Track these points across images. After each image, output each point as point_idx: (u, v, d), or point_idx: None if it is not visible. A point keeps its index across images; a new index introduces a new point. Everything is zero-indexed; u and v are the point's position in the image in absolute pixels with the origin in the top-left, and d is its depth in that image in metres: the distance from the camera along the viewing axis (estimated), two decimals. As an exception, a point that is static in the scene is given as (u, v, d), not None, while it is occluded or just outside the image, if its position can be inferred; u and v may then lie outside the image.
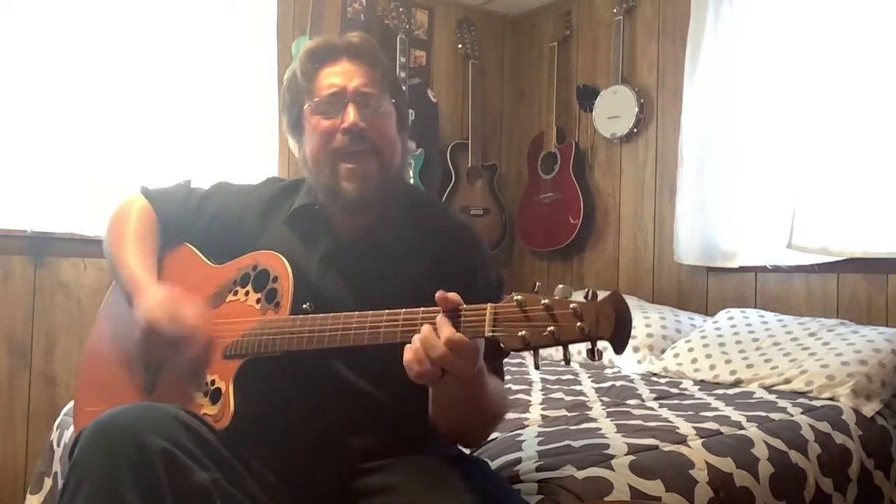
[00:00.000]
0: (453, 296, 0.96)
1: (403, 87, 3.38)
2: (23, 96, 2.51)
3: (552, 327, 0.89)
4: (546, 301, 0.91)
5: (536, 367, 0.96)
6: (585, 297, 0.91)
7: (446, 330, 0.94)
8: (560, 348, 0.92)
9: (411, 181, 3.27)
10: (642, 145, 3.23)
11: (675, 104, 3.03)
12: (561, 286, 0.92)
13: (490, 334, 0.94)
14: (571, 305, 0.89)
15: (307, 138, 1.24)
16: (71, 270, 2.63)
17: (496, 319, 0.93)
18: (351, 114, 1.18)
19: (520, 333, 0.91)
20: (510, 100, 3.94)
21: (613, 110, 3.27)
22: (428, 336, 0.95)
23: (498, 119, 3.90)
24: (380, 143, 1.20)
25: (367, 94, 1.20)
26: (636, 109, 3.17)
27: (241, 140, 2.90)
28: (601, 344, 0.90)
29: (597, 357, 0.91)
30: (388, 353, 0.99)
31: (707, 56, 2.86)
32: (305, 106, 1.23)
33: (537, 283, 0.95)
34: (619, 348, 0.89)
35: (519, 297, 0.92)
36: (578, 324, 0.88)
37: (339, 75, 1.21)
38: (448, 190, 3.50)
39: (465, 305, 0.96)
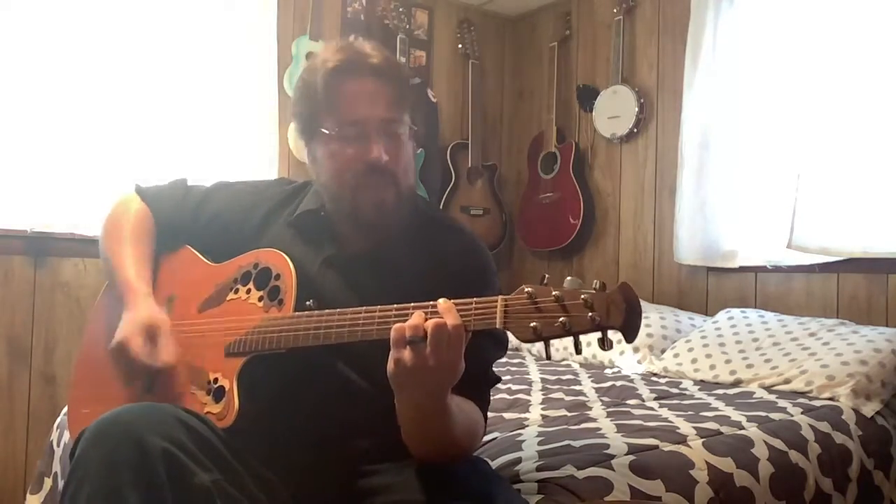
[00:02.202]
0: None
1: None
2: (23, 96, 2.51)
3: (563, 318, 0.90)
4: (557, 292, 0.91)
5: (548, 358, 0.97)
6: (594, 288, 0.91)
7: (452, 315, 0.95)
8: (569, 340, 0.93)
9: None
10: (642, 145, 3.23)
11: (675, 104, 3.03)
12: (570, 277, 0.92)
13: (501, 326, 0.94)
14: (582, 296, 0.90)
15: (324, 157, 1.21)
16: (71, 270, 2.63)
17: (507, 311, 0.94)
18: (374, 149, 1.16)
19: (531, 325, 0.91)
20: (510, 100, 3.94)
21: (613, 110, 3.27)
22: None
23: (498, 119, 3.90)
24: (397, 172, 1.19)
25: (389, 121, 1.18)
26: (636, 109, 3.17)
27: (241, 140, 2.90)
28: (612, 334, 0.91)
29: (607, 346, 0.91)
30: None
31: (707, 56, 2.86)
32: (325, 125, 1.19)
33: (546, 276, 0.95)
34: (630, 337, 0.89)
35: (529, 288, 0.93)
36: (589, 314, 0.89)
37: (362, 99, 1.18)
38: (448, 190, 3.50)
39: (475, 299, 0.96)
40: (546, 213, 3.48)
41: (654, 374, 2.49)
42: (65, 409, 1.97)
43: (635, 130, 3.21)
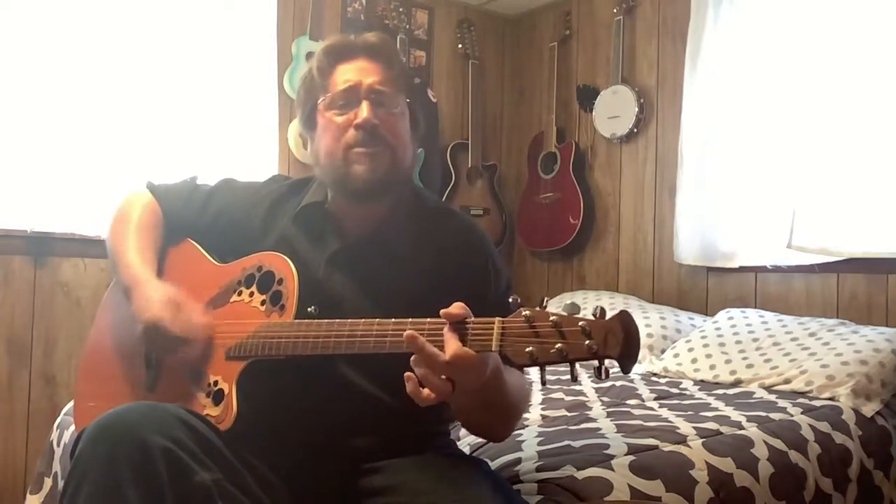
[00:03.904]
0: (457, 310, 0.95)
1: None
2: (23, 96, 2.50)
3: (560, 344, 0.89)
4: (555, 317, 0.90)
5: (543, 384, 0.96)
6: (594, 315, 0.90)
7: (452, 345, 0.93)
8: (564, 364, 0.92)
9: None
10: (642, 145, 3.23)
11: (675, 104, 3.03)
12: (569, 302, 0.92)
13: (497, 349, 0.93)
14: (580, 323, 0.89)
15: (320, 133, 1.23)
16: (71, 270, 2.63)
17: (504, 334, 0.93)
18: (364, 110, 1.17)
19: (527, 349, 0.90)
20: (510, 100, 3.94)
21: (613, 110, 3.27)
22: (431, 355, 0.93)
23: (498, 119, 3.90)
24: (392, 142, 1.20)
25: (381, 91, 1.20)
26: (636, 109, 3.17)
27: (241, 139, 2.90)
28: (608, 362, 0.90)
29: (604, 376, 0.90)
30: (390, 355, 0.99)
31: (707, 56, 2.86)
32: (319, 101, 1.22)
33: (545, 299, 0.94)
34: (626, 368, 0.88)
35: (527, 312, 0.92)
36: (587, 342, 0.88)
37: (354, 72, 1.21)
38: (448, 190, 3.50)
39: (472, 318, 0.95)
40: (546, 213, 3.48)
41: (654, 374, 2.49)
42: (64, 410, 1.98)
43: (635, 130, 3.21)
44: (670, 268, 3.07)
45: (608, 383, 2.23)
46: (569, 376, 0.94)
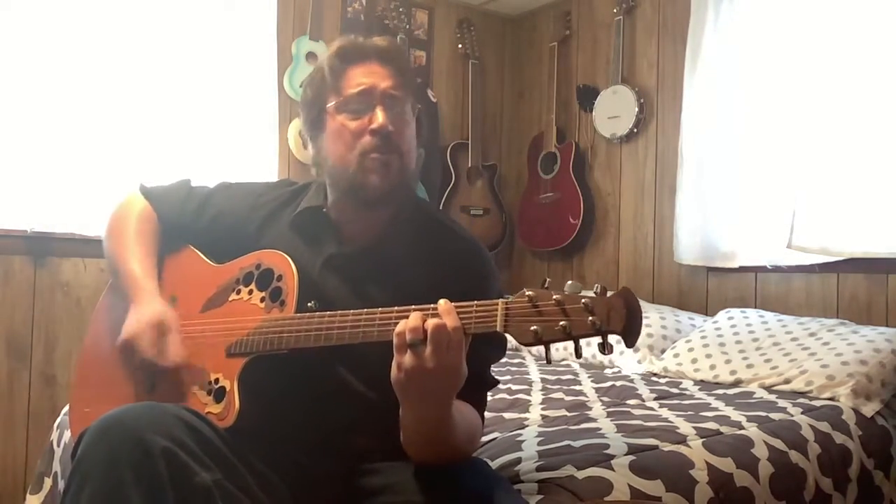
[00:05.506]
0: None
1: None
2: (23, 96, 2.51)
3: (564, 322, 0.90)
4: (557, 296, 0.91)
5: (548, 362, 0.98)
6: (595, 293, 0.91)
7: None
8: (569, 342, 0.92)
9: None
10: (642, 145, 3.23)
11: (675, 104, 3.03)
12: (570, 282, 0.93)
13: (502, 329, 0.94)
14: (583, 300, 0.90)
15: (329, 136, 1.22)
16: (71, 270, 2.63)
17: (508, 315, 0.94)
18: (380, 115, 1.17)
19: (531, 328, 0.92)
20: (510, 100, 3.94)
21: (613, 110, 3.27)
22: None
23: (498, 119, 3.90)
24: (403, 147, 1.20)
25: (394, 96, 1.20)
26: (636, 109, 3.17)
27: (241, 140, 2.90)
28: (612, 339, 0.91)
29: (607, 351, 0.92)
30: (390, 358, 0.99)
31: (707, 55, 2.86)
32: (330, 103, 1.21)
33: (547, 279, 0.96)
34: (630, 342, 0.90)
35: (530, 292, 0.93)
36: (590, 318, 0.89)
37: (368, 75, 1.20)
38: (448, 190, 3.50)
39: (476, 301, 0.97)
40: (546, 213, 3.48)
41: (654, 374, 2.49)
42: (65, 409, 1.97)
43: (635, 130, 3.21)
44: (670, 268, 3.07)
45: (608, 383, 2.23)
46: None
